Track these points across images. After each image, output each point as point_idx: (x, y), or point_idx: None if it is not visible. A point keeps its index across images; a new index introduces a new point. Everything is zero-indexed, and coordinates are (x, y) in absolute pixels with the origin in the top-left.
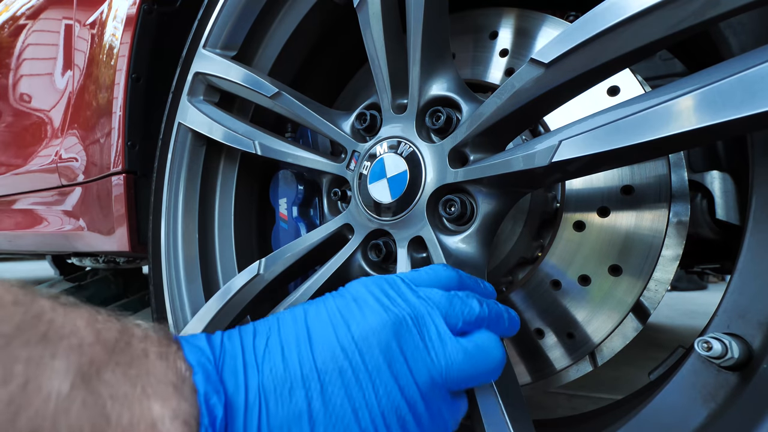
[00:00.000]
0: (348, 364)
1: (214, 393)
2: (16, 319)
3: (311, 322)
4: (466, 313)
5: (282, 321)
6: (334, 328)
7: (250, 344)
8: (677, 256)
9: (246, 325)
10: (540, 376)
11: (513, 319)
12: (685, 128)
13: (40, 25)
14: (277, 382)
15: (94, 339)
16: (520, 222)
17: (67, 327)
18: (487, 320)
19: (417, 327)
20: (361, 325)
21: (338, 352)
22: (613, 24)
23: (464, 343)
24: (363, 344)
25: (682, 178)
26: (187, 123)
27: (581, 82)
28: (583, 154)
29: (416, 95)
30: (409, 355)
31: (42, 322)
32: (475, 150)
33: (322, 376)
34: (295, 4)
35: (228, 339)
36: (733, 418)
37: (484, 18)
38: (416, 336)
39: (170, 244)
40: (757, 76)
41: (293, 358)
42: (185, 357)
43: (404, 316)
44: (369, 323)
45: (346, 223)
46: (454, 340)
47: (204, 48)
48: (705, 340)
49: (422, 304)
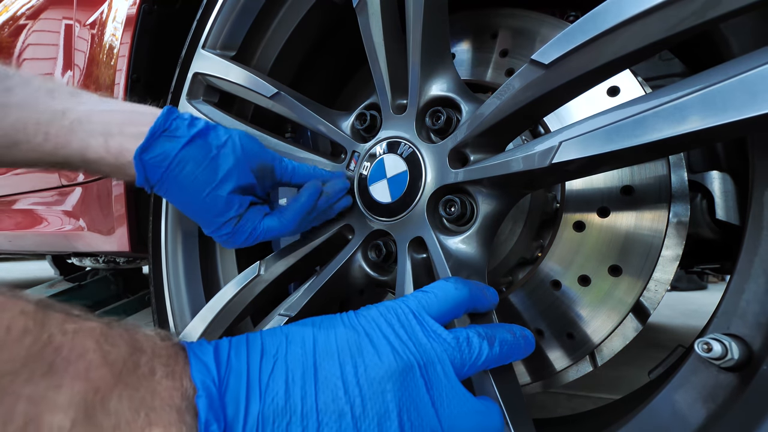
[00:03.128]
0: (349, 408)
1: (215, 420)
2: (22, 353)
3: (319, 354)
4: (475, 358)
5: (291, 344)
6: (341, 367)
7: (257, 366)
8: (677, 257)
9: (254, 336)
10: (540, 377)
11: (529, 343)
12: (685, 130)
13: (40, 25)
14: (276, 414)
15: (102, 361)
16: (520, 222)
17: (76, 351)
18: (498, 359)
19: (425, 377)
20: (369, 370)
21: (341, 394)
22: (613, 25)
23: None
24: (367, 390)
25: (682, 178)
26: None
27: (581, 83)
28: (583, 155)
29: (416, 95)
30: (413, 409)
31: (50, 349)
32: (476, 150)
33: (321, 416)
34: (295, 4)
35: (235, 355)
36: (732, 419)
37: (485, 18)
38: (422, 388)
39: (171, 245)
40: (758, 77)
41: (296, 392)
42: (191, 375)
43: (413, 363)
44: (376, 368)
45: (347, 223)
46: (460, 397)
47: (203, 48)
48: (705, 341)
49: (432, 347)
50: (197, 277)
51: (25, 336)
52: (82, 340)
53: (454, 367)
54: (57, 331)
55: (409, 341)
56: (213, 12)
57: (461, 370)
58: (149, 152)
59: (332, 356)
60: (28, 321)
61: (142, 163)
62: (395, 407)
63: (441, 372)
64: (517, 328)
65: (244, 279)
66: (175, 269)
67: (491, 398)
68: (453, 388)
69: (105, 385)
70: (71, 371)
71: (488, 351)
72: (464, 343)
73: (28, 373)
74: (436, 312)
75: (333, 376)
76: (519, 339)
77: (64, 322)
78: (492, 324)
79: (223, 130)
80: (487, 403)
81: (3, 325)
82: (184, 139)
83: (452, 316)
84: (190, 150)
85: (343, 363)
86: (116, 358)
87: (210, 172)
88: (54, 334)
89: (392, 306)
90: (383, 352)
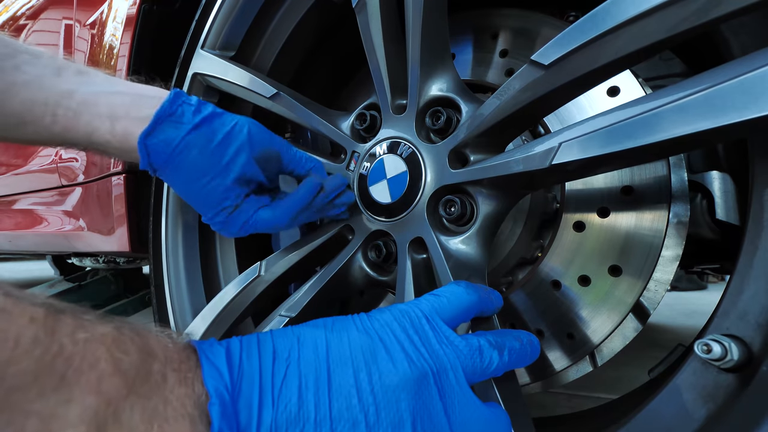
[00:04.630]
0: (363, 417)
1: (228, 428)
2: (32, 366)
3: (333, 360)
4: (485, 367)
5: (303, 347)
6: (355, 374)
7: (269, 370)
8: (677, 257)
9: (265, 336)
10: (540, 377)
11: (535, 349)
12: (686, 131)
13: (40, 25)
14: (290, 422)
15: (113, 370)
16: (520, 222)
17: (87, 360)
18: (506, 367)
19: (438, 385)
20: (383, 377)
21: (355, 402)
22: (614, 26)
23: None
24: (381, 398)
25: (682, 178)
26: None
27: (581, 84)
28: (583, 156)
29: (416, 95)
30: (426, 417)
31: (60, 360)
32: (476, 151)
33: (335, 425)
34: (293, 4)
35: (247, 358)
36: (732, 420)
37: (485, 19)
38: (435, 396)
39: (171, 245)
40: (758, 78)
41: (309, 399)
42: (203, 380)
43: (427, 371)
44: (391, 376)
45: (347, 224)
46: (471, 404)
47: (202, 48)
48: (705, 342)
49: (446, 354)
50: (198, 276)
51: (35, 347)
52: (93, 349)
53: (465, 374)
54: (68, 341)
55: (422, 347)
56: (212, 12)
57: (472, 377)
58: (153, 137)
59: (346, 362)
60: (39, 330)
61: (146, 148)
62: (409, 416)
63: (453, 380)
64: (524, 335)
65: (245, 279)
66: (176, 268)
67: (491, 396)
68: (465, 396)
69: (117, 395)
70: (83, 383)
71: (498, 360)
72: (476, 352)
73: (39, 388)
74: (449, 316)
75: (347, 383)
76: (526, 346)
77: (75, 329)
78: (500, 331)
79: (230, 117)
80: (496, 411)
81: (11, 335)
82: (189, 125)
83: (462, 320)
84: (194, 137)
85: (357, 369)
86: (128, 366)
87: (212, 160)
88: (65, 344)
89: (406, 310)
90: (398, 359)
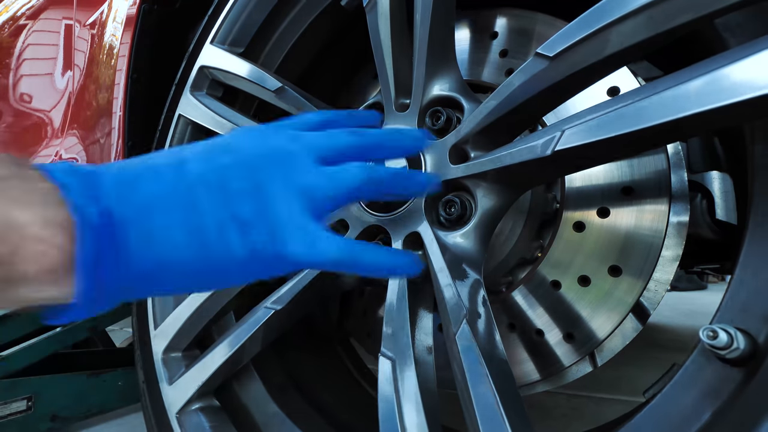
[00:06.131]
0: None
1: (88, 199)
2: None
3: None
4: (332, 146)
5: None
6: (211, 154)
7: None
8: (677, 257)
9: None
10: (540, 377)
11: (418, 139)
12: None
13: (40, 26)
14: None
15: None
16: (520, 222)
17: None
18: (362, 148)
19: (289, 158)
20: (238, 153)
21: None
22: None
23: (327, 169)
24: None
25: (682, 178)
26: (187, 115)
27: (586, 76)
28: (586, 141)
29: (419, 94)
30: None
31: None
32: (476, 147)
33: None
34: (305, 7)
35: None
36: (737, 415)
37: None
38: (288, 165)
39: None
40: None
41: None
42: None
43: (277, 148)
44: (242, 153)
45: (340, 218)
46: (319, 169)
47: (212, 43)
48: (711, 328)
49: (293, 140)
50: None
51: None
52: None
53: (318, 156)
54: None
55: (272, 134)
56: (225, 8)
57: (325, 159)
58: None
59: (200, 146)
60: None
61: None
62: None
63: (302, 156)
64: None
65: None
66: None
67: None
68: (315, 168)
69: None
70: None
71: (346, 138)
72: (324, 134)
73: None
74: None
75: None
76: (384, 134)
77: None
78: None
79: None
80: (345, 167)
81: None
82: None
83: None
84: None
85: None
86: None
87: None
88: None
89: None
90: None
